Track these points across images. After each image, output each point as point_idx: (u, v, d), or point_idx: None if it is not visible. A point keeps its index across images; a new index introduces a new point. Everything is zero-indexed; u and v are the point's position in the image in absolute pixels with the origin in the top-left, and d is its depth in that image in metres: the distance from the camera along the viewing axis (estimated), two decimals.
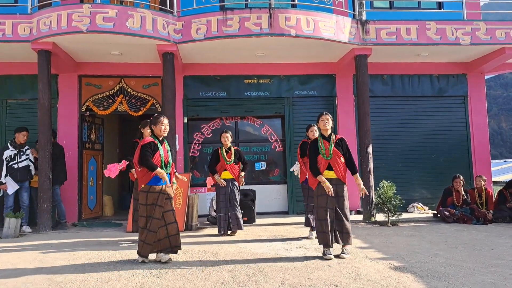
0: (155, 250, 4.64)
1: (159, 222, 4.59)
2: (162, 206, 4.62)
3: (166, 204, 4.66)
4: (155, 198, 4.61)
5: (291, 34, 7.42)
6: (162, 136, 4.82)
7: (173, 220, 4.65)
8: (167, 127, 4.82)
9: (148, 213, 4.60)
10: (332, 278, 3.94)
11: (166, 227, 4.61)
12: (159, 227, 4.59)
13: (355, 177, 4.97)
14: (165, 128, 4.79)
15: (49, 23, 7.13)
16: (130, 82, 8.78)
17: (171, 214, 4.67)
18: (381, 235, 6.29)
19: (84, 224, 7.79)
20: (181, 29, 7.59)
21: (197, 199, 7.24)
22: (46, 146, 7.22)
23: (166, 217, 4.62)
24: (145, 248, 4.58)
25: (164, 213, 4.63)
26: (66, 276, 4.12)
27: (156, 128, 4.76)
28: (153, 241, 4.58)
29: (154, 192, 4.62)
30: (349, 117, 9.27)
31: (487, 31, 8.29)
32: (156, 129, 4.76)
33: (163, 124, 4.76)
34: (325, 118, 4.97)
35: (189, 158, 9.01)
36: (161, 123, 4.75)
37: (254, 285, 3.76)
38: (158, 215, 4.58)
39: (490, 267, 4.30)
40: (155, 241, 4.59)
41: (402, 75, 9.50)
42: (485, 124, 9.63)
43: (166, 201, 4.67)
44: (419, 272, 4.07)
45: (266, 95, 9.20)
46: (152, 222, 4.57)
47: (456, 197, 7.93)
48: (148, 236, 4.55)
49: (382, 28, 8.14)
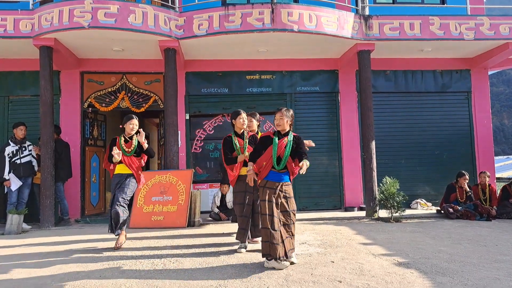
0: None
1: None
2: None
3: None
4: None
5: (293, 29, 7.38)
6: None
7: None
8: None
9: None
10: (336, 274, 3.91)
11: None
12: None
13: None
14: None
15: (50, 19, 7.11)
16: (132, 78, 8.75)
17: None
18: (385, 231, 6.26)
19: (87, 221, 7.79)
20: (183, 24, 7.56)
21: (199, 196, 7.23)
22: (48, 142, 7.21)
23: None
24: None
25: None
26: (67, 270, 4.12)
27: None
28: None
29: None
30: (352, 113, 9.22)
31: (490, 26, 8.23)
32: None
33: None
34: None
35: (191, 154, 8.99)
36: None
37: (257, 281, 3.74)
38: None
39: (494, 262, 4.27)
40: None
41: (405, 71, 9.45)
42: (488, 120, 9.58)
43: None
44: (424, 268, 4.05)
45: (268, 91, 9.16)
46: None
47: (459, 193, 7.89)
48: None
49: (385, 23, 8.08)
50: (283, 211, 4.27)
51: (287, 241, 4.18)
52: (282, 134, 4.40)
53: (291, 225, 4.25)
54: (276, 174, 4.30)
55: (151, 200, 7.04)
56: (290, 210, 4.27)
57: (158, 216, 6.89)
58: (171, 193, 7.06)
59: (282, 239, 4.12)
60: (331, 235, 5.97)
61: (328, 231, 6.27)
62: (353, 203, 8.91)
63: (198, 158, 9.11)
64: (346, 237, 5.79)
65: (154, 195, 7.07)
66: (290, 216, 4.26)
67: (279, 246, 4.06)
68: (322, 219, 7.65)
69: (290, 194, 4.33)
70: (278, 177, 4.30)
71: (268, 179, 4.29)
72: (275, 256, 4.05)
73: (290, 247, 4.20)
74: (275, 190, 4.23)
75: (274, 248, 4.05)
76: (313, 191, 9.01)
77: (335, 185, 9.11)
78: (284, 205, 4.27)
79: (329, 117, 9.28)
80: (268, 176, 4.30)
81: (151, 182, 7.20)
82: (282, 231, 4.15)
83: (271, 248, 4.08)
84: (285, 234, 4.18)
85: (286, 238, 4.17)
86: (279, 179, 4.29)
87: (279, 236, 4.09)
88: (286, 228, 4.23)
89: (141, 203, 7.03)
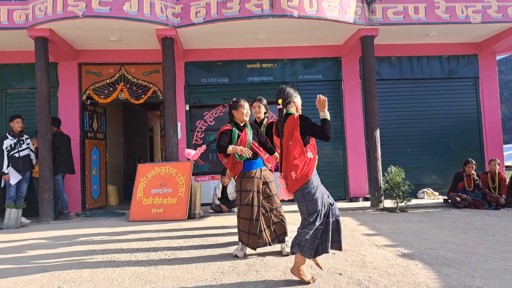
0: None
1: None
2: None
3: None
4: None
5: (293, 15, 7.15)
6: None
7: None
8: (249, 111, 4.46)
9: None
10: (337, 266, 3.76)
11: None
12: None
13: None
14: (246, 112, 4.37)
15: (44, 9, 6.96)
16: (130, 69, 8.59)
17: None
18: (389, 221, 6.09)
19: (87, 214, 7.70)
20: (180, 12, 7.37)
21: (199, 188, 7.09)
22: (45, 135, 7.10)
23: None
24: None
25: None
26: (60, 263, 4.01)
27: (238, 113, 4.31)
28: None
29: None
30: (355, 101, 9.00)
31: (498, 9, 7.93)
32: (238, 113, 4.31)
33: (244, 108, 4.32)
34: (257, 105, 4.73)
35: (192, 146, 8.84)
36: (242, 107, 4.29)
37: (255, 274, 3.60)
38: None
39: (503, 253, 4.08)
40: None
41: (410, 57, 9.19)
42: (497, 106, 9.31)
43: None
44: (429, 259, 3.87)
45: (270, 80, 8.96)
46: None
47: (467, 181, 7.68)
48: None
49: (389, 7, 7.82)
50: (266, 197, 4.20)
51: (278, 226, 4.17)
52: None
53: (279, 208, 4.20)
54: (248, 163, 4.22)
55: (150, 192, 6.92)
56: (273, 194, 4.21)
57: (158, 208, 6.77)
58: (171, 185, 6.93)
59: (265, 226, 4.14)
60: None
61: None
62: (358, 194, 8.72)
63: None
64: (349, 228, 5.62)
65: (153, 188, 6.95)
66: (275, 200, 4.20)
67: (258, 235, 4.10)
68: None
69: (269, 179, 4.25)
70: (251, 165, 4.22)
71: (244, 170, 4.22)
72: (253, 246, 4.12)
73: (282, 230, 4.17)
74: (252, 178, 4.18)
75: (253, 238, 4.09)
76: None
77: (339, 175, 8.92)
78: (266, 190, 4.21)
79: (332, 106, 9.04)
80: (244, 167, 4.23)
81: (150, 174, 7.07)
82: (265, 219, 4.16)
83: (250, 239, 4.10)
84: (275, 219, 4.17)
85: (276, 223, 4.17)
86: (254, 167, 4.22)
87: (261, 225, 4.12)
88: (275, 212, 4.18)
89: (140, 196, 6.92)
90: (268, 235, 4.15)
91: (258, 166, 4.26)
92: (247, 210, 4.13)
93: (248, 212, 4.12)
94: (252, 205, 4.13)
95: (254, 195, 4.16)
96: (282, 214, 4.23)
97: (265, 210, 4.20)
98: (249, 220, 4.11)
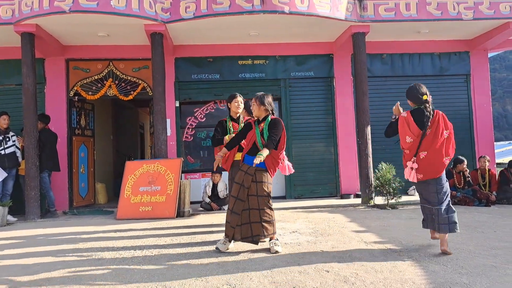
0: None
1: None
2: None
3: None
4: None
5: (284, 11, 7.08)
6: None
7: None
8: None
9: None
10: (324, 263, 3.70)
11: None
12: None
13: None
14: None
15: (31, 4, 6.83)
16: (119, 65, 8.48)
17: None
18: (379, 218, 6.05)
19: (74, 212, 7.60)
20: (169, 7, 7.27)
21: (189, 185, 7.00)
22: (32, 132, 6.98)
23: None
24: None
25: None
26: (43, 262, 3.92)
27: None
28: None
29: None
30: (347, 98, 8.96)
31: (490, 5, 7.91)
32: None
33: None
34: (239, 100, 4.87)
35: (182, 143, 8.76)
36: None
37: (241, 272, 3.53)
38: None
39: (492, 249, 4.05)
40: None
41: (402, 54, 9.16)
42: (488, 104, 9.30)
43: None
44: (416, 256, 3.83)
45: (262, 76, 8.89)
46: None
47: (457, 179, 7.67)
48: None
49: (380, 3, 7.79)
50: (252, 195, 4.15)
51: (255, 226, 4.11)
52: (260, 120, 4.32)
53: (262, 210, 4.12)
54: (249, 158, 4.20)
55: (139, 190, 6.83)
56: (258, 195, 4.14)
57: (146, 206, 6.68)
58: (160, 183, 6.84)
59: (243, 222, 4.13)
60: (323, 223, 5.75)
61: (321, 219, 6.06)
62: (349, 190, 8.69)
63: (190, 147, 8.88)
64: (339, 225, 5.58)
65: (142, 185, 6.86)
66: (258, 201, 4.13)
67: (236, 229, 4.11)
68: (316, 207, 7.44)
69: (261, 179, 4.16)
70: (251, 161, 4.15)
71: (243, 162, 4.25)
72: (228, 234, 4.18)
73: (257, 232, 4.10)
74: (245, 172, 4.17)
75: (229, 229, 4.15)
76: (309, 178, 8.78)
77: (330, 172, 8.88)
78: (253, 189, 4.15)
79: (324, 103, 9.01)
80: (244, 159, 4.26)
81: (138, 171, 6.98)
82: (245, 215, 4.13)
83: (227, 228, 4.18)
84: (254, 219, 4.12)
85: (254, 222, 4.12)
86: (251, 163, 4.15)
87: (238, 220, 4.11)
88: (256, 212, 4.13)
89: (128, 194, 6.82)
90: (243, 232, 4.13)
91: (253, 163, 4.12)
92: (231, 201, 4.20)
93: (232, 203, 4.18)
94: (236, 197, 4.16)
95: (239, 188, 4.15)
96: (264, 216, 4.11)
97: (248, 207, 4.16)
98: (231, 211, 4.17)
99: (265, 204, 4.15)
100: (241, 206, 4.13)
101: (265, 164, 4.17)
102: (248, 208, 4.15)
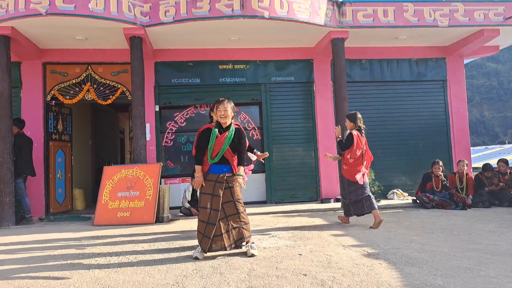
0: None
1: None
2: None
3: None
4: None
5: (264, 16, 7.12)
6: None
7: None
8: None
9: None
10: (302, 267, 3.70)
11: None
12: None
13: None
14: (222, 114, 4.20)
15: (6, 6, 6.71)
16: (98, 69, 8.37)
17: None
18: (358, 222, 6.10)
19: (50, 219, 7.42)
20: (149, 11, 7.22)
21: (168, 190, 6.94)
22: (6, 136, 6.82)
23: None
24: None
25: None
26: (15, 268, 3.80)
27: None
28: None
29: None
30: (327, 103, 9.04)
31: (465, 13, 8.12)
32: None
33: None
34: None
35: (162, 148, 8.68)
36: (217, 107, 4.19)
37: (219, 277, 3.50)
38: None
39: (466, 251, 4.12)
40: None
41: (380, 60, 9.31)
42: (464, 109, 9.51)
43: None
44: (393, 259, 3.87)
45: (242, 81, 8.90)
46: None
47: (435, 182, 7.80)
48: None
49: (359, 10, 7.91)
50: (227, 202, 4.15)
51: (236, 232, 4.14)
52: (223, 127, 4.20)
53: (240, 214, 4.17)
54: (215, 166, 4.18)
55: (117, 195, 6.73)
56: (234, 200, 4.16)
57: (124, 212, 6.58)
58: (138, 188, 6.76)
59: (223, 231, 4.11)
60: (303, 227, 5.76)
61: (300, 224, 6.07)
62: (330, 195, 8.75)
63: (170, 152, 8.80)
64: (318, 229, 5.59)
65: (120, 191, 6.76)
66: (235, 206, 4.17)
67: (212, 239, 4.08)
68: (297, 211, 7.47)
69: (233, 184, 4.18)
70: (218, 169, 4.17)
71: (209, 172, 4.19)
72: (204, 248, 4.09)
73: (239, 236, 4.16)
74: (215, 182, 4.15)
75: (205, 241, 4.08)
76: (289, 183, 8.81)
77: (311, 176, 8.92)
78: (227, 195, 4.15)
79: (304, 108, 9.07)
80: (209, 169, 4.20)
81: (117, 177, 6.88)
82: (224, 224, 4.13)
83: (202, 241, 4.09)
84: (234, 224, 4.15)
85: (234, 228, 4.15)
86: (219, 171, 4.17)
87: (215, 230, 4.08)
88: (235, 218, 4.16)
89: (106, 199, 6.71)
90: (225, 240, 4.11)
91: (223, 171, 4.18)
92: (204, 213, 4.11)
93: (205, 215, 4.10)
94: (209, 208, 4.10)
95: (212, 199, 4.11)
96: (243, 219, 4.18)
97: (224, 215, 4.15)
98: (205, 223, 4.09)
99: (242, 207, 4.19)
100: (217, 215, 4.11)
101: (231, 169, 4.21)
102: (225, 216, 4.15)
